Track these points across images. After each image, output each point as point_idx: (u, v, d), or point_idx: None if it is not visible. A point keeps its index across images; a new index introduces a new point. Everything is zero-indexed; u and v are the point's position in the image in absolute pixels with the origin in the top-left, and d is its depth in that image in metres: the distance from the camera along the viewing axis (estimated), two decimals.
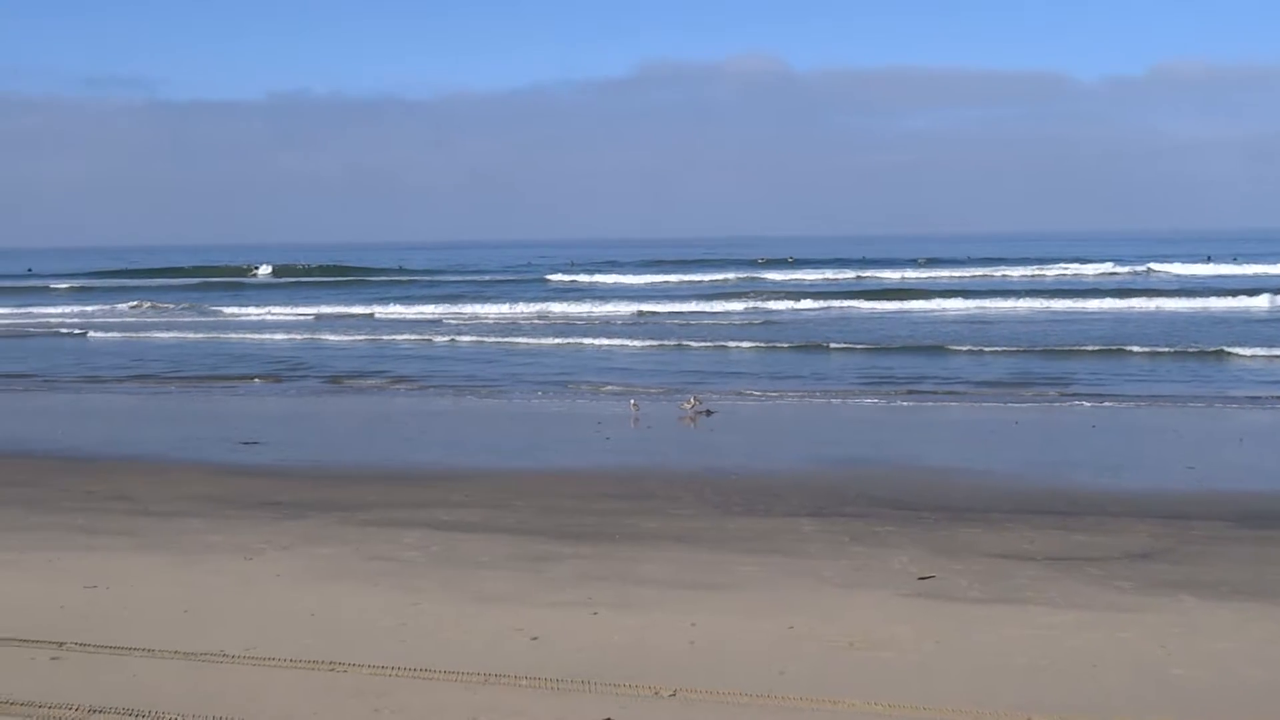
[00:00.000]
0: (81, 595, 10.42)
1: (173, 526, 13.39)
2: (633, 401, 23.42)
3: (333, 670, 8.30)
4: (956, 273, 74.33)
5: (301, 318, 51.32)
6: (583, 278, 73.75)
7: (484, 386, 27.86)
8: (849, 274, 74.45)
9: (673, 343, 37.64)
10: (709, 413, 22.41)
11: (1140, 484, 15.66)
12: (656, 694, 7.83)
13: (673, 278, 74.33)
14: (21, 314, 56.03)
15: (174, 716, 7.43)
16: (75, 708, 7.59)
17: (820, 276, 72.75)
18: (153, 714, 7.48)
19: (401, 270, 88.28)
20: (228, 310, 55.82)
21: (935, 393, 25.54)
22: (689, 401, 22.96)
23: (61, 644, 8.92)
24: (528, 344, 38.23)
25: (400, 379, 29.60)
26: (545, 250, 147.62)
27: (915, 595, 10.34)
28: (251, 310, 54.79)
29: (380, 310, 53.22)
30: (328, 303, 58.55)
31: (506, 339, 39.89)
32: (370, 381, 29.34)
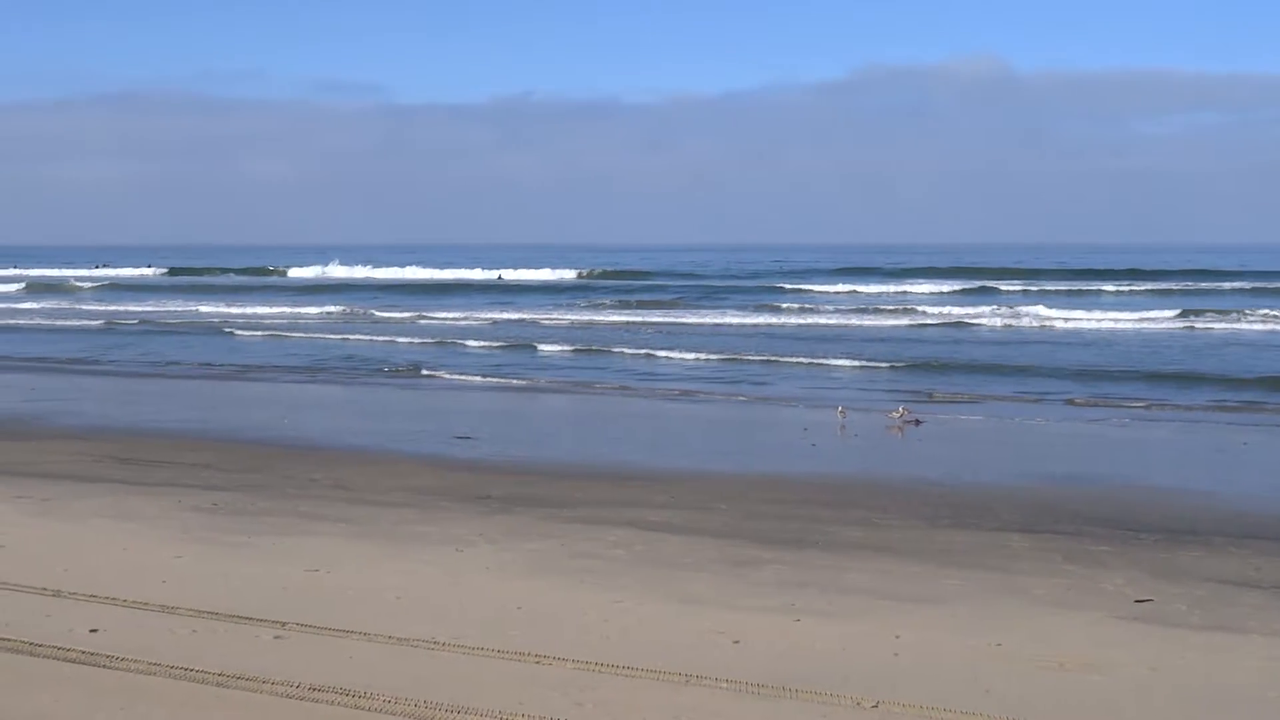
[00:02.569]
0: (303, 578, 10.89)
1: (388, 516, 13.86)
2: (840, 409, 23.22)
3: (538, 663, 8.47)
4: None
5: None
6: (813, 286, 71.26)
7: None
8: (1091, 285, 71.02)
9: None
10: (918, 422, 22.06)
11: None
12: (858, 705, 7.76)
13: (921, 287, 70.49)
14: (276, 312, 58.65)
15: (388, 699, 7.70)
16: (296, 685, 7.94)
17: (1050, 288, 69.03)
18: (368, 695, 7.76)
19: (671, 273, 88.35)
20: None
21: (1160, 407, 24.59)
22: (897, 411, 22.63)
23: (284, 624, 9.33)
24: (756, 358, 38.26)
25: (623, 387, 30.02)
26: (758, 254, 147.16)
27: (1130, 618, 9.97)
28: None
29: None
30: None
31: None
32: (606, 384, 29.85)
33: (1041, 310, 50.73)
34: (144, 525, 13.16)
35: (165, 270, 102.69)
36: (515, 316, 52.89)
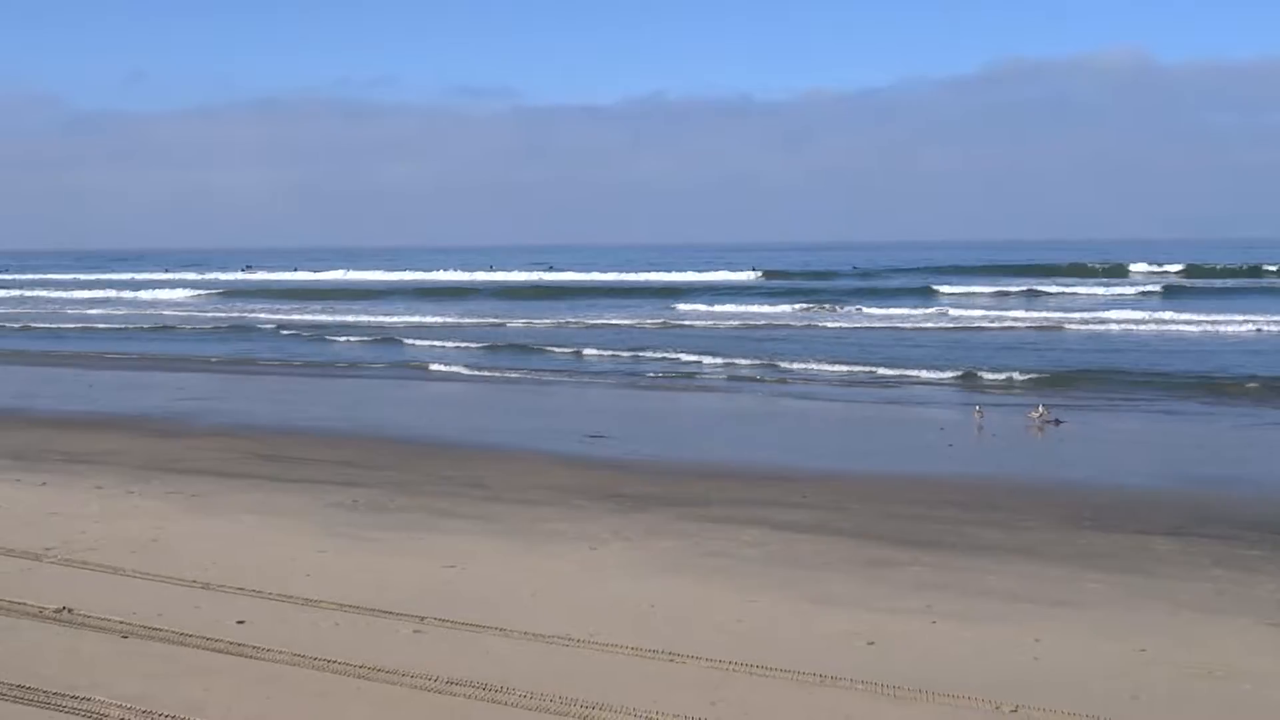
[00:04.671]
0: (440, 574, 11.07)
1: (523, 513, 14.02)
2: (977, 408, 22.83)
3: (671, 661, 8.49)
4: None
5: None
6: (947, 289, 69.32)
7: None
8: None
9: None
10: (1058, 422, 21.59)
11: None
12: (997, 709, 7.62)
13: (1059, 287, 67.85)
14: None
15: (525, 694, 7.79)
16: (435, 679, 8.07)
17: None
18: (505, 689, 7.86)
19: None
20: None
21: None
22: (1036, 410, 22.17)
23: (423, 618, 9.49)
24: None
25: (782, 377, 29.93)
26: (908, 253, 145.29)
27: None
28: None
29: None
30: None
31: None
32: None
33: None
34: (288, 520, 13.50)
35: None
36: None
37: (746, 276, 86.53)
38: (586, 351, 36.51)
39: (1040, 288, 65.94)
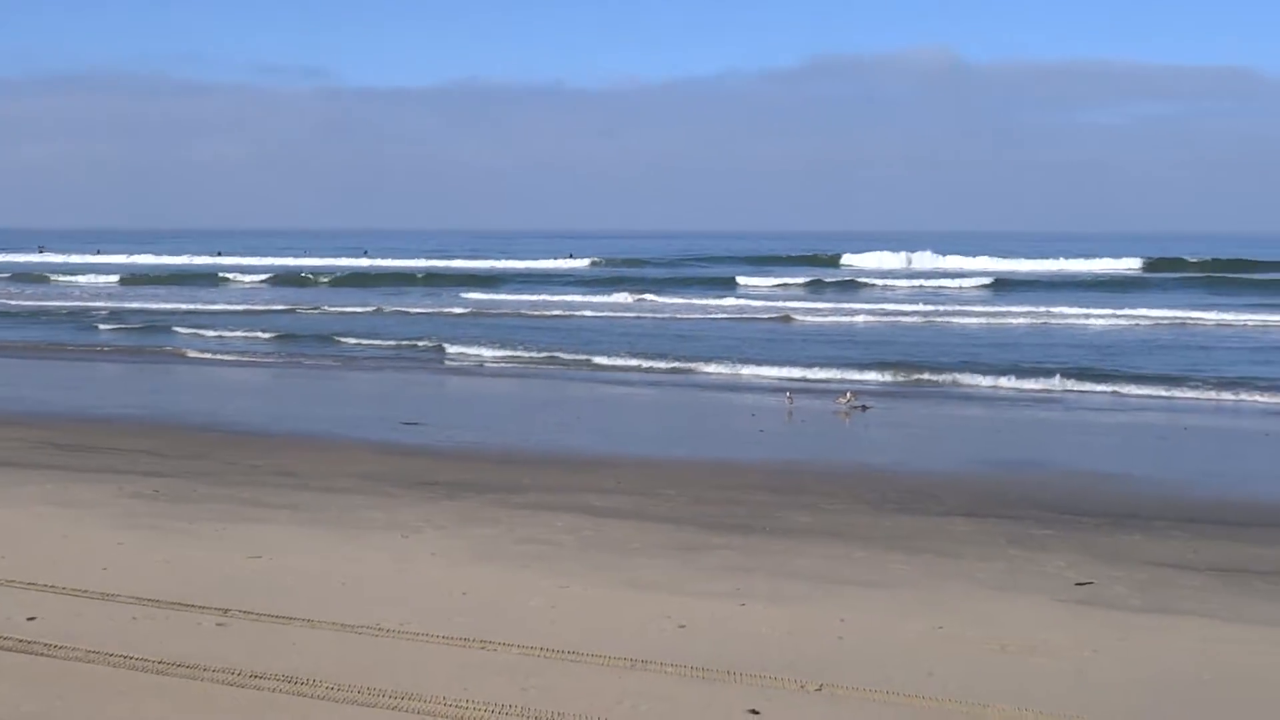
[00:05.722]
0: (246, 565, 10.79)
1: (334, 502, 13.77)
2: (788, 394, 23.31)
3: (484, 649, 8.45)
4: None
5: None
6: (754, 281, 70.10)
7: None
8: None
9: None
10: (864, 408, 22.18)
11: None
12: (803, 688, 7.79)
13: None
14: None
15: (332, 685, 7.65)
16: (238, 672, 7.87)
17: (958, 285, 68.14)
18: (312, 681, 7.71)
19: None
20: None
21: (1091, 393, 24.84)
22: (844, 396, 22.74)
23: (227, 610, 9.24)
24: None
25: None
26: (713, 241, 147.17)
27: (1072, 601, 10.08)
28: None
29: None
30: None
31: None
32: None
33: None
34: (85, 511, 13.00)
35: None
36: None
37: (562, 264, 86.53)
38: (376, 342, 35.46)
39: (864, 280, 67.40)
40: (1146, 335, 37.61)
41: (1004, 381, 26.23)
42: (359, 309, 48.43)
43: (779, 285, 64.04)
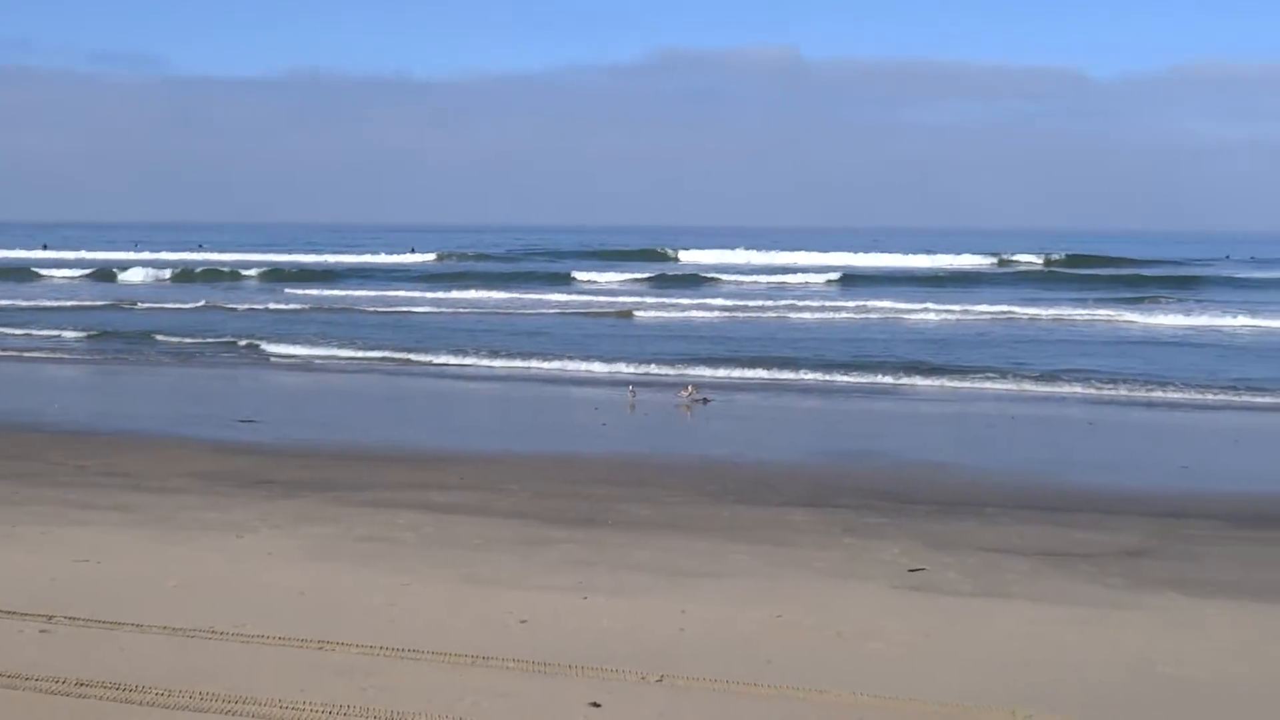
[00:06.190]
0: (72, 569, 10.42)
1: (166, 503, 13.39)
2: (630, 388, 23.43)
3: (321, 649, 8.30)
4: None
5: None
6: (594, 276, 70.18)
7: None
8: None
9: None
10: (705, 401, 22.41)
11: (1135, 482, 15.66)
12: (644, 679, 7.84)
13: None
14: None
15: (162, 691, 7.43)
16: (63, 680, 7.59)
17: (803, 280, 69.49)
18: (140, 688, 7.48)
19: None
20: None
21: (926, 385, 25.52)
22: (686, 389, 22.96)
23: (51, 617, 8.91)
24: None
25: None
26: (549, 235, 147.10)
27: (905, 587, 10.34)
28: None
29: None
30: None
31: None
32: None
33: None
34: None
35: None
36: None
37: (404, 259, 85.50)
38: (209, 340, 34.07)
39: (707, 274, 67.86)
40: (983, 329, 38.77)
41: (841, 376, 26.75)
42: (188, 305, 47.02)
43: (623, 280, 64.29)
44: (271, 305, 46.82)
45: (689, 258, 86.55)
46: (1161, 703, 7.69)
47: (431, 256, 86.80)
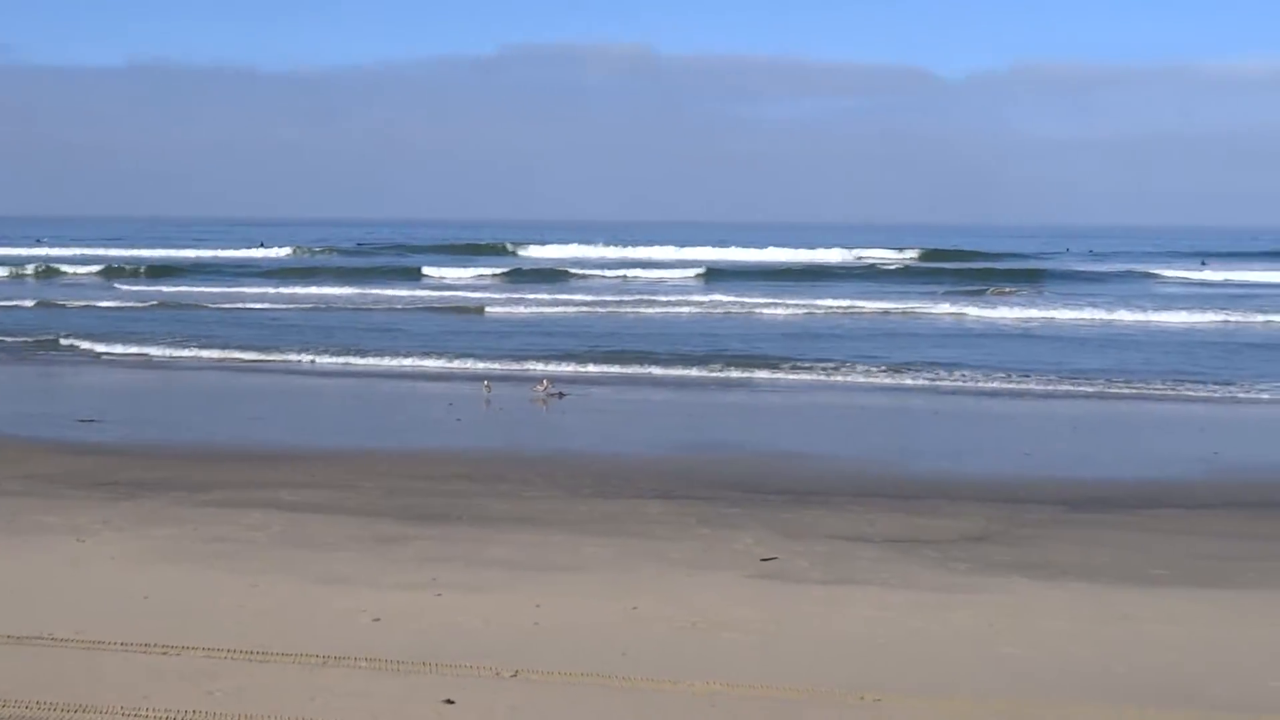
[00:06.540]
0: None
1: (2, 506, 12.91)
2: (485, 383, 23.30)
3: (165, 653, 8.10)
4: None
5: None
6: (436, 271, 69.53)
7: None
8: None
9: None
10: (561, 395, 22.41)
11: (979, 469, 16.10)
12: (498, 675, 7.82)
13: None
14: None
15: None
16: None
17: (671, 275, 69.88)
18: None
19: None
20: None
21: (780, 377, 25.89)
22: (541, 384, 22.92)
23: None
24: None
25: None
26: (399, 229, 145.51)
27: (758, 576, 10.49)
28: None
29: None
30: None
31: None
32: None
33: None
34: None
35: None
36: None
37: (254, 253, 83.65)
38: (35, 339, 32.86)
39: (564, 269, 67.49)
40: (836, 322, 39.45)
41: (697, 369, 26.96)
42: (23, 302, 45.29)
43: (477, 275, 63.85)
44: (110, 303, 45.34)
45: (545, 252, 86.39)
46: (1003, 683, 7.93)
47: (285, 251, 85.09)
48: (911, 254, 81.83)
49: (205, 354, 29.51)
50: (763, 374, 26.36)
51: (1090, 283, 60.60)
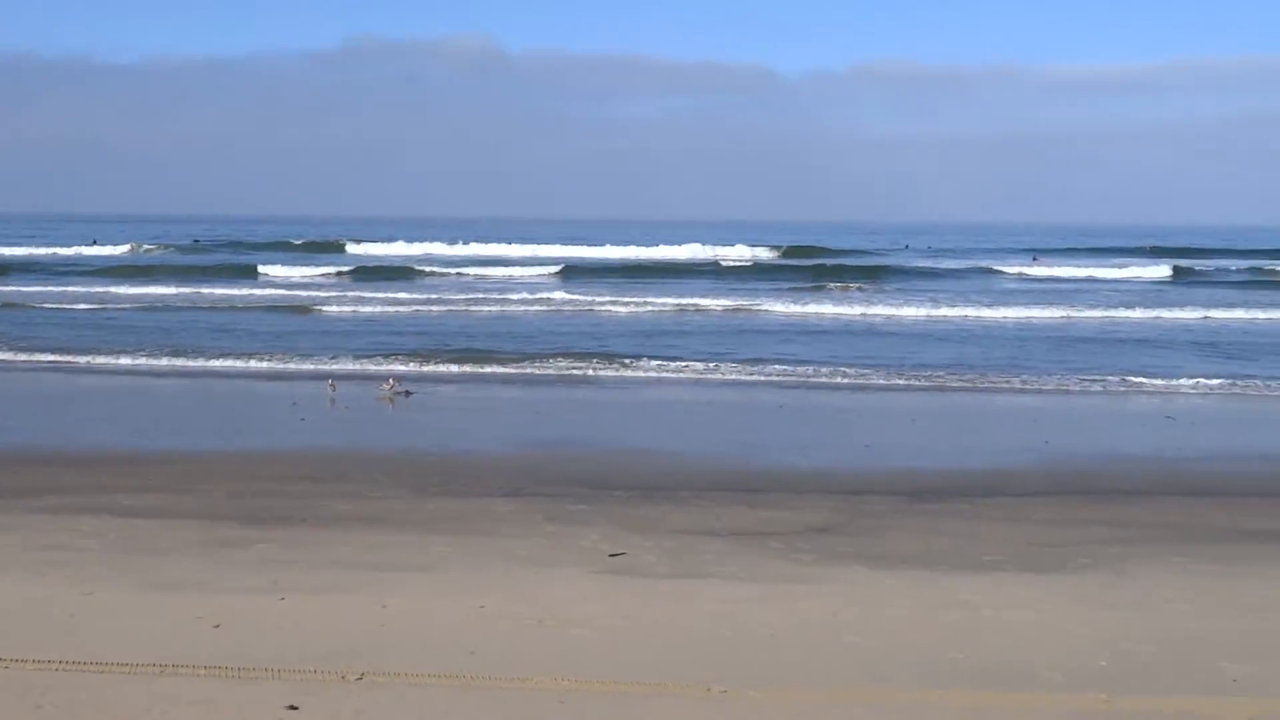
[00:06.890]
0: None
1: None
2: (330, 381, 22.93)
3: None
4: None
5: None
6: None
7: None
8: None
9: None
10: (408, 393, 22.17)
11: (822, 462, 16.39)
12: (343, 678, 7.70)
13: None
14: None
15: None
16: None
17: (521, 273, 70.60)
18: None
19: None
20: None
21: (630, 374, 26.03)
22: (388, 383, 22.64)
23: None
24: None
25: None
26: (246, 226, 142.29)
27: (606, 572, 10.52)
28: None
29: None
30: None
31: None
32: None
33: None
34: None
35: None
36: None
37: (84, 251, 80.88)
38: None
39: (423, 268, 66.49)
40: (688, 319, 39.75)
41: (544, 367, 26.93)
42: None
43: (318, 273, 62.71)
44: None
45: (392, 249, 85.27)
46: (847, 672, 8.09)
47: (120, 249, 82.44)
48: (762, 251, 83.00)
49: (36, 357, 28.45)
50: (611, 371, 26.45)
51: (930, 278, 62.21)
